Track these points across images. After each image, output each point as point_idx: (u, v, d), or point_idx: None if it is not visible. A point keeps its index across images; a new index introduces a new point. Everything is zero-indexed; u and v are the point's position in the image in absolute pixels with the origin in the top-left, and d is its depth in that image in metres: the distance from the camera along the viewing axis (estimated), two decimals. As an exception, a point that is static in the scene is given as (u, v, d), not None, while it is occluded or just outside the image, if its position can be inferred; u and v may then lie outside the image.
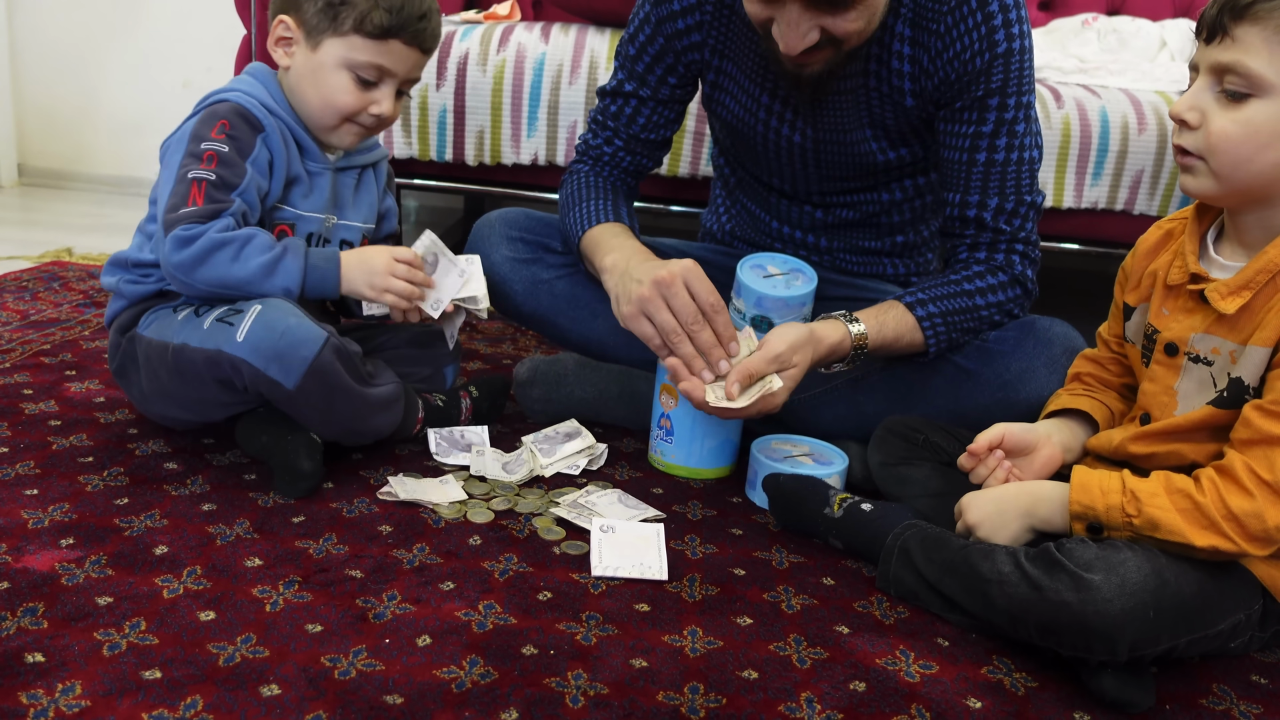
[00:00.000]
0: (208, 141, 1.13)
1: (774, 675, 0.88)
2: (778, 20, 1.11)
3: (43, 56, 2.95)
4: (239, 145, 1.14)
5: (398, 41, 1.17)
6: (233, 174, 1.13)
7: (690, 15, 1.28)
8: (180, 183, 1.12)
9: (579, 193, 1.35)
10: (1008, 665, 0.92)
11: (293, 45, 1.19)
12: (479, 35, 1.87)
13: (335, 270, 1.16)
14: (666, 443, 1.27)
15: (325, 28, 1.16)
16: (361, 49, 1.16)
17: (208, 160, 1.12)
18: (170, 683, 0.79)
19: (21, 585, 0.91)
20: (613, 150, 1.38)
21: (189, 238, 1.09)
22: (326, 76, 1.17)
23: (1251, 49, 0.87)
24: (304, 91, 1.19)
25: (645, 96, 1.35)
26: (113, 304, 1.24)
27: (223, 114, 1.15)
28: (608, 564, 1.02)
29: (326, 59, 1.17)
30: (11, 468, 1.13)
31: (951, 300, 1.22)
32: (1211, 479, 0.89)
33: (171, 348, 1.12)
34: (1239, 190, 0.92)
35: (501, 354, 1.71)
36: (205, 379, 1.10)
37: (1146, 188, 1.82)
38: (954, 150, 1.23)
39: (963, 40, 1.17)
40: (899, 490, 1.17)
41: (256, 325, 1.07)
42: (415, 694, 0.81)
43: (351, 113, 1.19)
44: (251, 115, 1.16)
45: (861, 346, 1.18)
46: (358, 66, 1.17)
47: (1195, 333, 0.96)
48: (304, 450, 1.12)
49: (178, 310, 1.17)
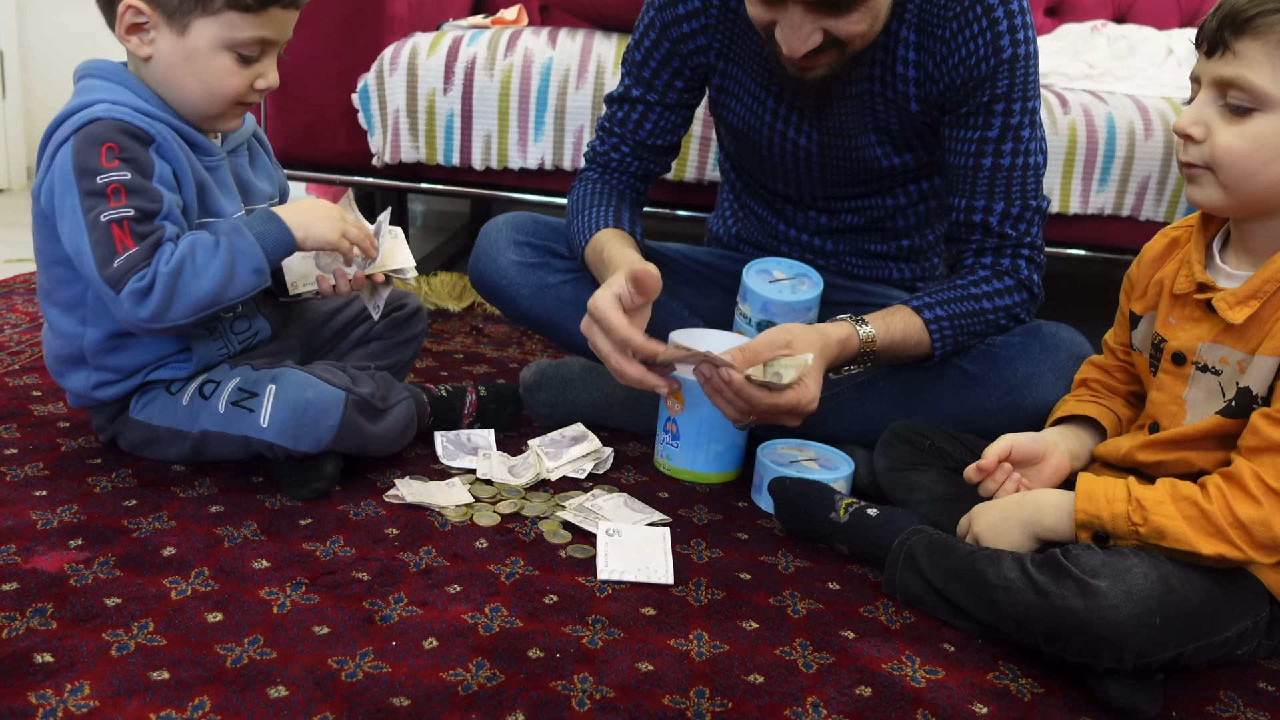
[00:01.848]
0: (103, 174, 1.00)
1: (780, 680, 0.88)
2: (780, 23, 1.11)
3: (52, 60, 2.97)
4: (138, 166, 1.02)
5: (276, 8, 1.06)
6: (148, 200, 1.01)
7: (696, 19, 1.29)
8: (95, 229, 0.99)
9: (584, 199, 1.36)
10: (1014, 671, 0.92)
11: (149, 31, 1.05)
12: (486, 40, 1.88)
13: (280, 226, 1.08)
14: (672, 447, 1.27)
15: (190, 8, 1.03)
16: (241, 25, 1.04)
17: (114, 194, 1.00)
18: (178, 683, 0.80)
19: (31, 586, 0.91)
20: (620, 156, 1.38)
21: (143, 288, 1.00)
22: (205, 61, 1.05)
23: (1254, 63, 0.87)
24: (179, 82, 1.06)
25: (653, 101, 1.35)
26: (83, 401, 1.16)
27: (102, 135, 1.01)
28: (614, 568, 1.02)
29: (200, 43, 1.04)
30: (21, 469, 1.14)
31: (958, 304, 1.22)
32: (1219, 486, 0.89)
33: (191, 437, 1.12)
34: (1246, 202, 0.92)
35: (508, 358, 1.71)
36: (235, 452, 1.12)
37: (1153, 194, 1.82)
38: (960, 155, 1.23)
39: (968, 46, 1.17)
40: (905, 495, 1.17)
41: (278, 407, 1.08)
42: (422, 696, 0.81)
43: (240, 95, 1.08)
44: (134, 127, 1.03)
45: (870, 347, 1.17)
46: (239, 45, 1.05)
47: (1203, 342, 0.96)
48: (330, 458, 1.12)
49: (174, 392, 1.13)
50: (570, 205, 1.38)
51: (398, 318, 1.35)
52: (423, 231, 2.96)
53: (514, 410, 1.39)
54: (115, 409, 1.16)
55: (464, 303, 2.02)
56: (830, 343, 1.14)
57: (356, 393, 1.12)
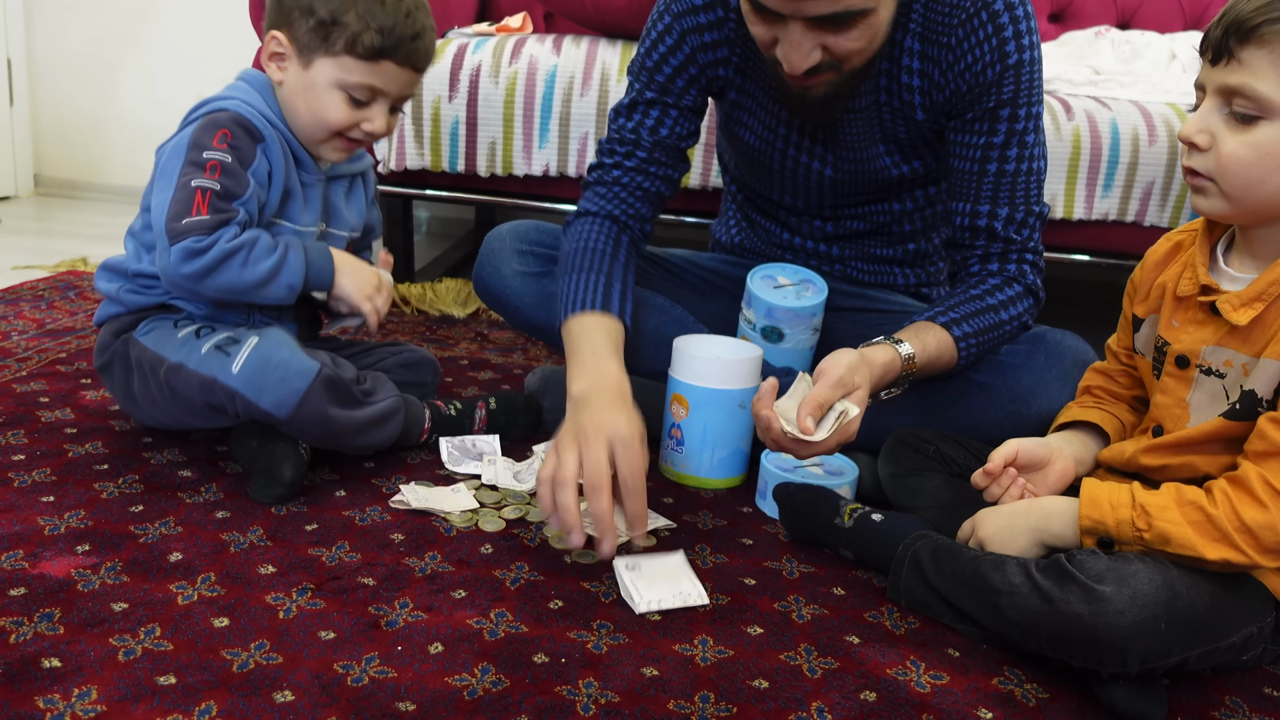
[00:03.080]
0: (210, 150, 1.12)
1: (785, 685, 0.88)
2: (781, 40, 1.11)
3: (60, 68, 2.99)
4: (240, 155, 1.14)
5: (389, 62, 1.16)
6: (236, 184, 1.13)
7: (717, 30, 1.27)
8: (182, 190, 1.11)
9: (579, 256, 1.25)
10: (1019, 676, 0.92)
11: (285, 61, 1.18)
12: (491, 47, 1.89)
13: (330, 266, 1.19)
14: (677, 452, 1.27)
15: (317, 47, 1.15)
16: (353, 70, 1.15)
17: (211, 170, 1.12)
18: (185, 688, 0.80)
19: (38, 591, 0.92)
20: (634, 164, 1.30)
21: (198, 249, 1.10)
22: (319, 95, 1.16)
23: (1259, 72, 0.87)
24: (296, 107, 1.19)
25: (669, 104, 1.30)
26: (107, 307, 1.25)
27: (223, 123, 1.14)
28: (649, 599, 0.99)
29: (319, 78, 1.16)
30: (28, 474, 1.14)
31: (981, 317, 1.21)
32: (1224, 490, 0.89)
33: (167, 365, 1.14)
34: (1251, 210, 0.92)
35: (512, 364, 1.72)
36: (196, 400, 1.14)
37: (1157, 199, 1.82)
38: (964, 160, 1.23)
39: (974, 52, 1.17)
40: (909, 501, 1.17)
41: (252, 358, 1.11)
42: (427, 701, 0.81)
43: (342, 129, 1.19)
44: (252, 125, 1.16)
45: (911, 369, 1.15)
46: (350, 87, 1.16)
47: (1207, 345, 0.96)
48: (289, 459, 1.13)
49: (179, 326, 1.18)
50: (563, 255, 1.28)
51: (409, 359, 1.39)
52: (427, 238, 2.97)
53: (526, 421, 1.38)
54: (127, 323, 1.22)
55: (468, 309, 2.03)
56: (876, 372, 1.11)
57: (335, 374, 1.13)
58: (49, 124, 3.03)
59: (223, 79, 1.26)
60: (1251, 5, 0.87)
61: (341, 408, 1.14)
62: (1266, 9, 0.86)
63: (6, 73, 2.89)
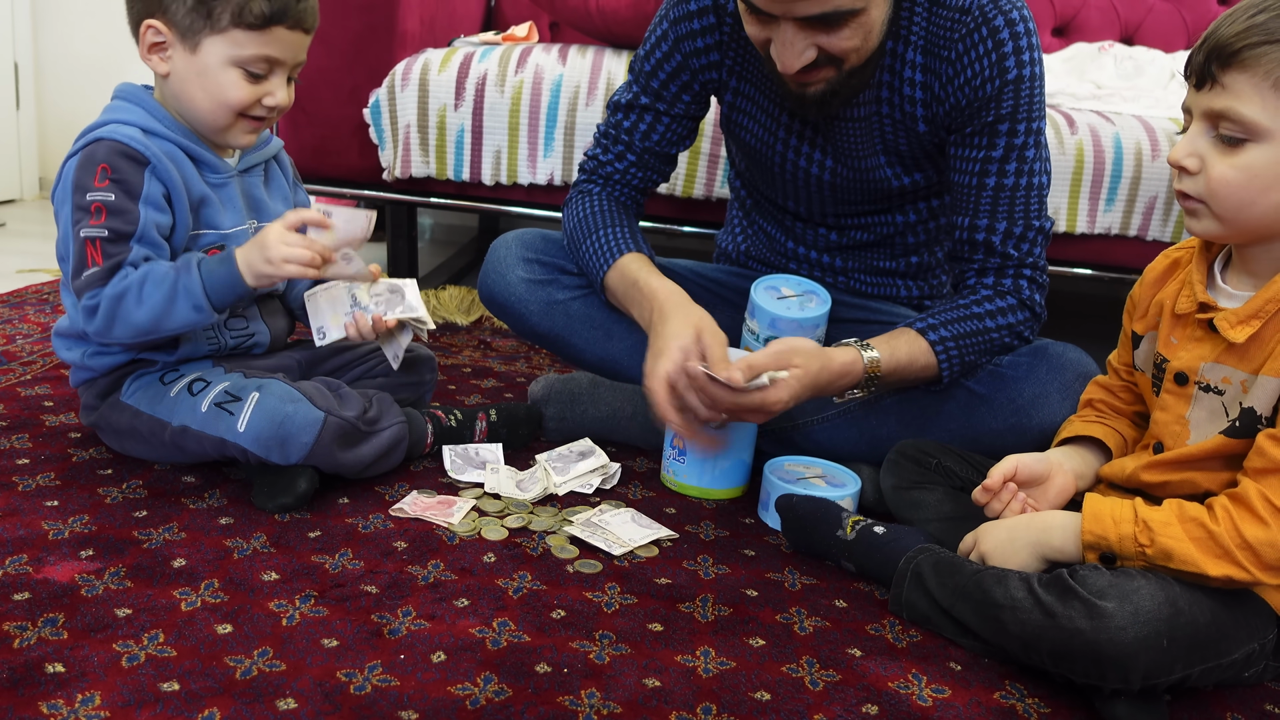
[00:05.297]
0: (92, 191, 1.07)
1: (786, 697, 0.88)
2: (774, 40, 1.13)
3: (65, 73, 3.00)
4: (126, 187, 1.08)
5: (281, 28, 1.10)
6: (124, 222, 1.08)
7: (709, 35, 1.29)
8: (75, 242, 1.08)
9: (594, 218, 1.35)
10: (1020, 691, 0.92)
11: (167, 50, 1.11)
12: (497, 56, 1.90)
13: (232, 267, 1.09)
14: (679, 463, 1.28)
15: (201, 27, 1.09)
16: (245, 43, 1.09)
17: (95, 213, 1.07)
18: (188, 695, 0.80)
19: (42, 596, 0.92)
20: (624, 166, 1.37)
21: (91, 306, 1.08)
22: (214, 77, 1.10)
23: (1243, 95, 0.87)
24: (190, 96, 1.12)
25: (661, 110, 1.35)
26: (78, 373, 1.21)
27: (100, 156, 1.08)
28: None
29: (210, 59, 1.10)
30: (32, 479, 1.14)
31: (961, 324, 1.23)
32: (1225, 507, 0.89)
33: (170, 429, 1.14)
34: (1243, 231, 0.93)
35: (515, 372, 1.72)
36: (209, 453, 1.15)
37: (1160, 214, 1.83)
38: (964, 175, 1.24)
39: (973, 67, 1.18)
40: (911, 514, 1.17)
41: (256, 415, 1.10)
42: (430, 710, 0.81)
43: (245, 107, 1.12)
44: (132, 150, 1.09)
45: (875, 372, 1.18)
46: (245, 61, 1.10)
47: (1205, 362, 0.96)
48: (303, 474, 1.12)
49: (167, 382, 1.16)
50: (573, 222, 1.37)
51: (407, 359, 1.35)
52: (430, 245, 2.97)
53: (527, 431, 1.38)
54: (107, 386, 1.19)
55: (472, 317, 2.03)
56: (831, 367, 1.16)
57: (340, 416, 1.13)
58: (55, 127, 3.04)
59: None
60: (1231, 29, 0.87)
61: (349, 449, 1.15)
62: (1246, 34, 0.86)
63: (13, 76, 2.90)
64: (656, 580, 1.06)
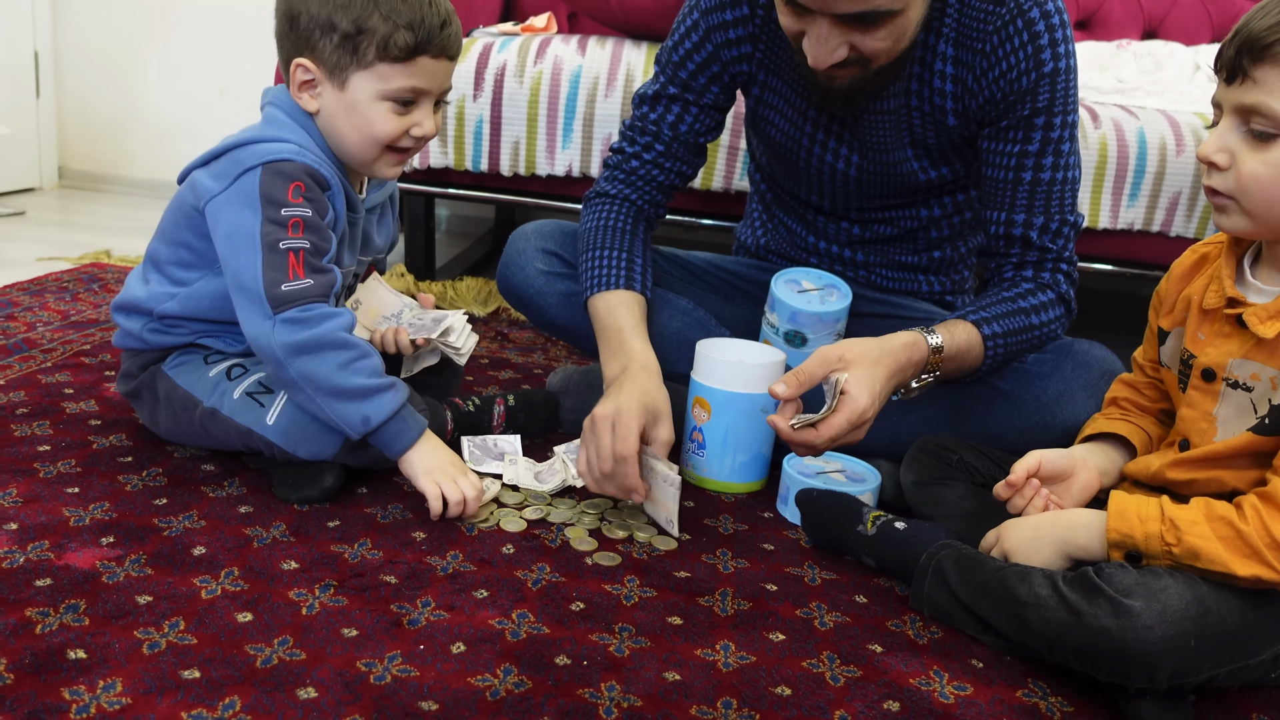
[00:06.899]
0: (288, 206, 1.07)
1: (807, 692, 0.87)
2: (808, 33, 1.11)
3: (84, 62, 3.01)
4: (318, 208, 1.10)
5: (425, 58, 1.10)
6: (321, 239, 1.09)
7: (742, 26, 1.28)
8: (272, 251, 1.06)
9: (599, 233, 1.32)
10: (1043, 689, 0.91)
11: (316, 87, 1.12)
12: (516, 47, 1.89)
13: (412, 437, 1.10)
14: (698, 456, 1.27)
15: (348, 63, 1.09)
16: (391, 75, 1.10)
17: (293, 227, 1.07)
18: (209, 683, 0.80)
19: (64, 582, 0.92)
20: (652, 157, 1.34)
21: (305, 319, 1.05)
22: (363, 111, 1.11)
23: (1274, 90, 0.86)
24: (340, 131, 1.13)
25: (690, 100, 1.32)
26: (127, 339, 1.21)
27: (294, 174, 1.08)
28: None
29: (359, 95, 1.10)
30: (53, 465, 1.15)
31: (1011, 319, 1.20)
32: (1255, 506, 0.88)
33: (201, 409, 1.14)
34: (1274, 227, 0.91)
35: (533, 364, 1.72)
36: (233, 441, 1.14)
37: (1184, 209, 1.81)
38: (998, 169, 1.22)
39: (1009, 60, 1.16)
40: (931, 510, 1.16)
41: (287, 411, 1.10)
42: (450, 701, 0.81)
43: (393, 140, 1.13)
44: (320, 175, 1.10)
45: (938, 358, 1.14)
46: (392, 94, 1.11)
47: (1233, 358, 0.95)
48: (331, 469, 1.13)
49: (209, 362, 1.17)
50: (586, 226, 1.34)
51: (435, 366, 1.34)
52: (447, 236, 2.97)
53: (545, 417, 1.38)
54: (152, 357, 1.20)
55: (489, 308, 2.03)
56: (893, 348, 1.10)
57: None
58: (74, 117, 3.05)
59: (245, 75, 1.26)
60: (1264, 23, 0.86)
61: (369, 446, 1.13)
62: (1278, 28, 0.85)
63: (33, 65, 2.92)
64: (675, 573, 1.05)
